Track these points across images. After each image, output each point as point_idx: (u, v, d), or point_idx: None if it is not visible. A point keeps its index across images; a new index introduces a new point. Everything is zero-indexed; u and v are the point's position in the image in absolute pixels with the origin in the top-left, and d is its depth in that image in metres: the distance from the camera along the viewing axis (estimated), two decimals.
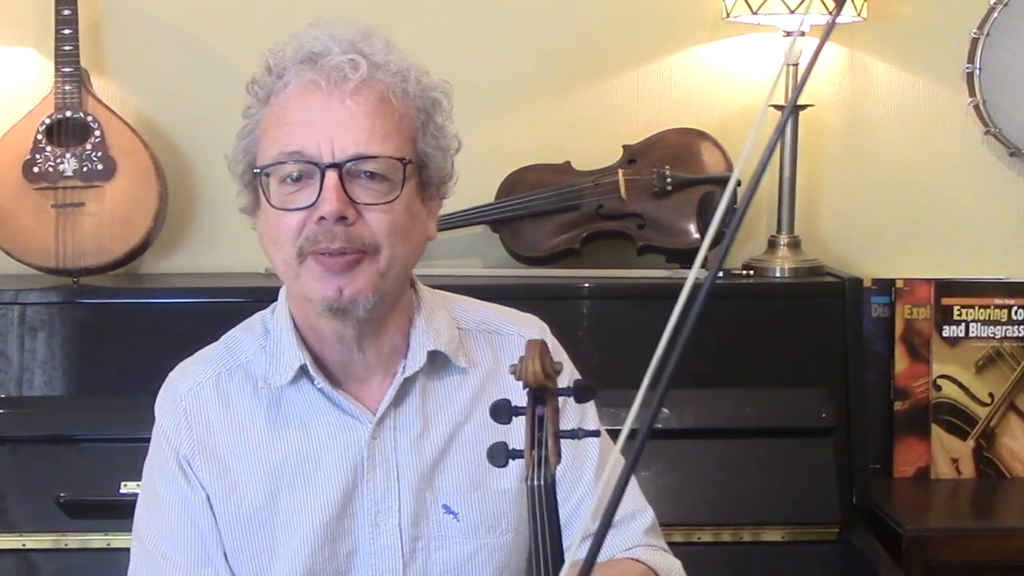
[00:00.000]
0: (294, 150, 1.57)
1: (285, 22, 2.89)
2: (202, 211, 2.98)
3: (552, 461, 1.36)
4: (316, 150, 1.56)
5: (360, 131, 1.57)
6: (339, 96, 1.57)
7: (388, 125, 1.59)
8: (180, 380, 1.73)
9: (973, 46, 2.97)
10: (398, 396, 1.68)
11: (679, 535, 2.51)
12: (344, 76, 1.57)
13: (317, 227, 1.57)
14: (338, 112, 1.57)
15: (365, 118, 1.57)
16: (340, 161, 1.56)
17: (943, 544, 2.59)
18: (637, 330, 2.63)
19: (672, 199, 2.87)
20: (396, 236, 1.60)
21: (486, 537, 1.71)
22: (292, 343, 1.67)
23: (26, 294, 2.67)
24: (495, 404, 1.39)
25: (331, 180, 1.55)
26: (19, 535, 2.49)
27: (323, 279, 1.58)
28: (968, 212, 3.06)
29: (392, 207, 1.59)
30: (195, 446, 1.69)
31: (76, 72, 2.76)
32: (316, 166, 1.56)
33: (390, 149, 1.58)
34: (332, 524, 1.67)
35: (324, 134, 1.56)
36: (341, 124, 1.57)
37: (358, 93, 1.57)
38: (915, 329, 2.90)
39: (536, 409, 1.37)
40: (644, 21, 2.98)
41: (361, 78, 1.57)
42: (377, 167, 1.58)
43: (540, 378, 1.36)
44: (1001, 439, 2.90)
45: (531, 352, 1.36)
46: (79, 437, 2.54)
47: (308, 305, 1.64)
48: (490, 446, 1.38)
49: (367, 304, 1.60)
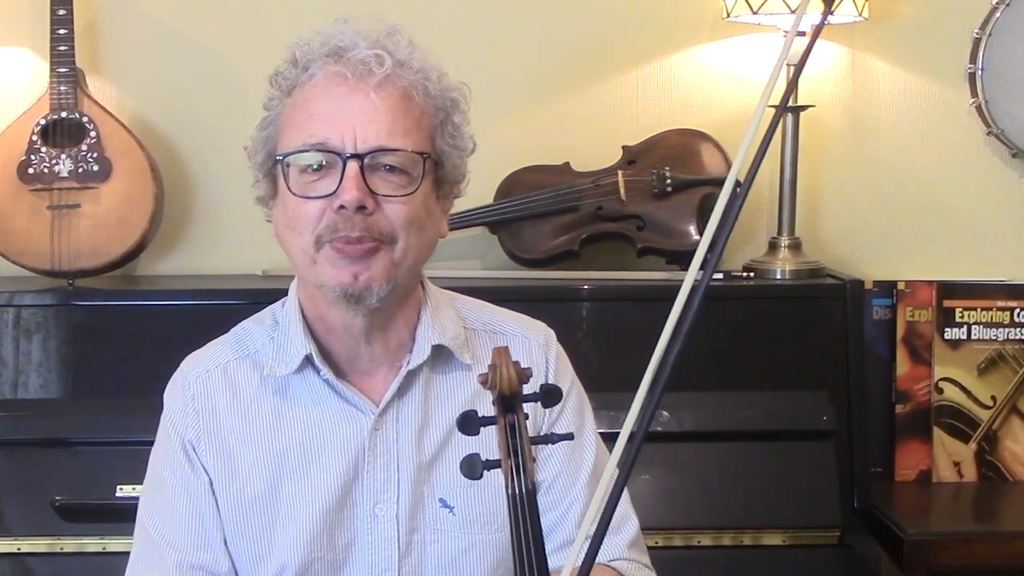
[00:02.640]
0: (318, 140, 1.60)
1: (282, 22, 2.91)
2: (198, 213, 2.97)
3: (530, 467, 1.34)
4: (339, 140, 1.59)
5: (383, 124, 1.60)
6: (363, 89, 1.60)
7: (409, 120, 1.62)
8: (190, 368, 1.75)
9: (975, 46, 2.96)
10: (401, 388, 1.70)
11: (679, 539, 2.51)
12: (369, 70, 1.60)
13: (336, 215, 1.59)
14: (362, 104, 1.60)
15: (388, 112, 1.60)
16: (362, 152, 1.59)
17: (945, 548, 2.58)
18: (637, 332, 2.62)
19: (672, 200, 2.86)
20: (412, 228, 1.63)
21: (481, 533, 1.71)
22: (299, 333, 1.69)
23: (21, 296, 2.67)
24: (463, 417, 1.36)
25: (352, 170, 1.58)
26: (14, 539, 2.49)
27: (339, 265, 1.61)
28: (970, 213, 3.05)
29: (410, 199, 1.62)
30: (200, 430, 1.71)
31: (71, 72, 2.75)
32: (338, 156, 1.60)
33: (410, 143, 1.62)
34: (332, 513, 1.68)
35: (347, 125, 1.59)
36: (364, 116, 1.60)
37: (382, 87, 1.61)
38: (917, 331, 2.89)
39: (507, 417, 1.35)
40: (644, 21, 2.97)
41: (386, 73, 1.61)
42: (397, 160, 1.61)
43: (516, 385, 1.34)
44: (1003, 442, 2.89)
45: (503, 359, 1.35)
46: (75, 440, 2.53)
47: (320, 294, 1.66)
48: (463, 459, 1.36)
49: (380, 292, 1.62)
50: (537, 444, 1.38)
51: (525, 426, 1.36)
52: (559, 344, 1.81)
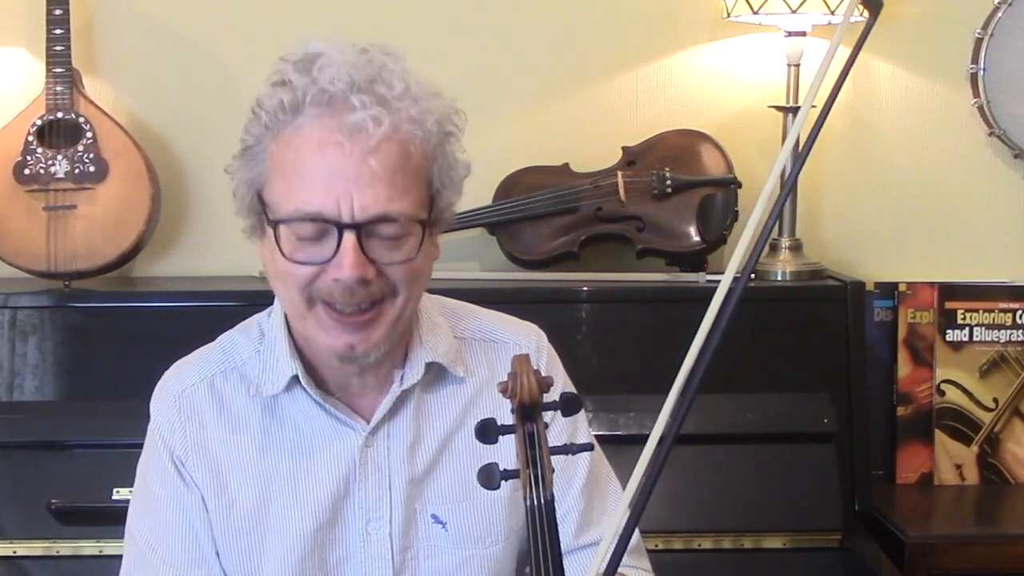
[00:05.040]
0: (313, 211, 1.51)
1: (279, 22, 2.89)
2: (195, 214, 2.96)
3: (548, 478, 1.32)
4: (335, 209, 1.50)
5: (380, 188, 1.51)
6: (360, 154, 1.50)
7: (407, 177, 1.54)
8: (175, 380, 1.72)
9: (977, 46, 2.95)
10: (393, 407, 1.68)
11: (679, 542, 2.51)
12: (366, 133, 1.51)
13: (333, 284, 1.54)
14: (358, 169, 1.51)
15: (385, 174, 1.52)
16: (360, 221, 1.52)
17: (947, 551, 2.58)
18: (636, 335, 2.63)
19: (672, 201, 2.84)
20: (414, 282, 1.59)
21: (475, 547, 1.69)
22: (285, 353, 1.66)
23: (17, 298, 2.66)
24: (481, 425, 1.33)
25: (349, 242, 1.51)
26: (10, 542, 2.48)
27: (334, 333, 1.57)
28: (972, 214, 3.04)
29: (411, 261, 1.57)
30: (188, 447, 1.68)
31: (68, 73, 2.74)
32: (334, 225, 1.52)
33: (408, 204, 1.54)
34: (322, 531, 1.67)
35: (344, 191, 1.50)
36: (361, 181, 1.51)
37: (379, 150, 1.51)
38: (918, 333, 2.88)
39: (526, 426, 1.33)
40: (644, 21, 2.96)
41: (383, 134, 1.51)
42: (397, 229, 1.54)
43: (536, 395, 1.32)
44: (1006, 445, 2.88)
45: (523, 368, 1.32)
46: (71, 443, 2.52)
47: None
48: (480, 469, 1.33)
49: (378, 354, 1.60)
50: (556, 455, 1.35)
51: (545, 436, 1.34)
52: (550, 345, 1.79)
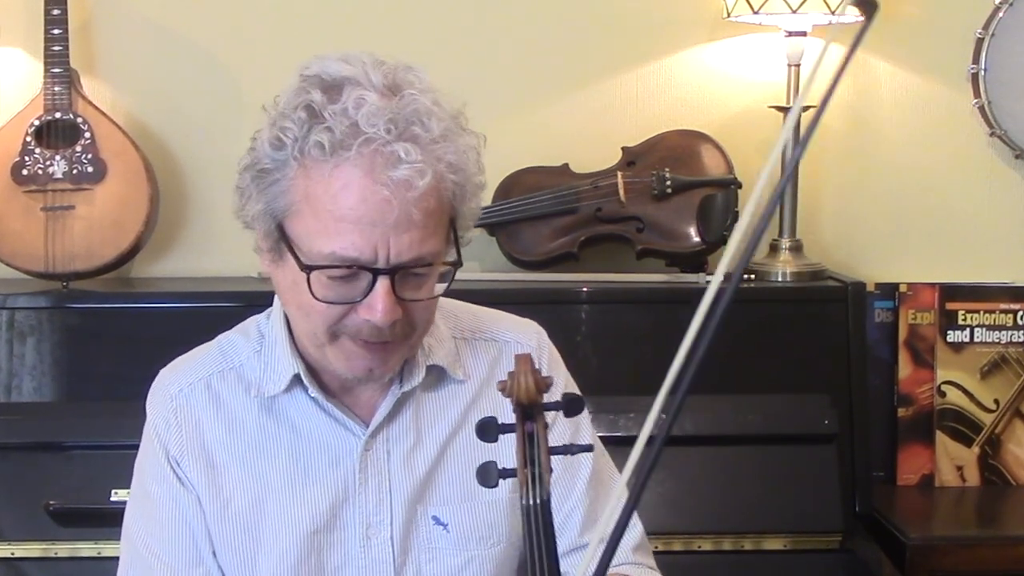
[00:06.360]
0: (350, 257, 1.50)
1: (278, 23, 2.89)
2: (194, 214, 2.96)
3: (546, 478, 1.32)
4: (372, 255, 1.50)
5: (415, 233, 1.51)
6: (402, 205, 1.49)
7: (440, 218, 1.54)
8: (171, 379, 1.71)
9: (978, 46, 2.94)
10: (393, 409, 1.67)
11: (679, 543, 2.50)
12: (410, 185, 1.49)
13: (362, 323, 1.54)
14: (397, 219, 1.49)
15: (423, 219, 1.51)
16: (395, 265, 1.51)
17: (947, 553, 2.58)
18: (636, 335, 2.62)
19: (672, 202, 2.84)
20: (433, 314, 1.62)
21: (477, 548, 1.69)
22: (287, 353, 1.65)
23: (15, 298, 2.66)
24: (482, 422, 1.34)
25: (383, 286, 1.51)
26: (8, 544, 2.48)
27: (354, 361, 1.58)
28: (973, 215, 3.03)
29: (434, 299, 1.59)
30: (184, 446, 1.67)
31: (66, 73, 2.73)
32: (370, 271, 1.52)
33: (438, 243, 1.54)
34: (320, 535, 1.65)
35: (382, 238, 1.50)
36: (399, 228, 1.49)
37: (421, 200, 1.50)
38: (919, 334, 2.87)
39: (526, 426, 1.33)
40: (644, 21, 2.96)
41: (427, 185, 1.49)
42: (428, 270, 1.55)
43: (534, 394, 1.32)
44: (1007, 446, 2.87)
45: (522, 368, 1.32)
46: (69, 444, 2.52)
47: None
48: (479, 467, 1.34)
49: (393, 373, 1.63)
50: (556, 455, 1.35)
51: (544, 436, 1.34)
52: (551, 343, 1.78)
